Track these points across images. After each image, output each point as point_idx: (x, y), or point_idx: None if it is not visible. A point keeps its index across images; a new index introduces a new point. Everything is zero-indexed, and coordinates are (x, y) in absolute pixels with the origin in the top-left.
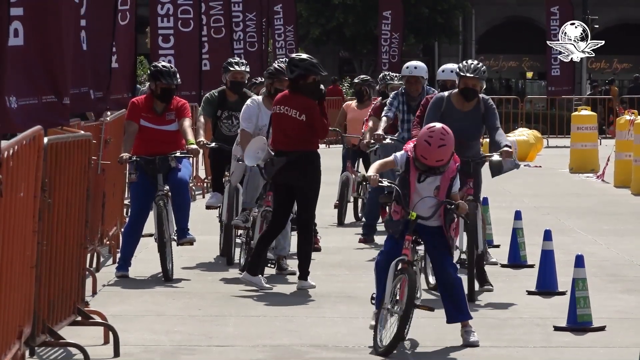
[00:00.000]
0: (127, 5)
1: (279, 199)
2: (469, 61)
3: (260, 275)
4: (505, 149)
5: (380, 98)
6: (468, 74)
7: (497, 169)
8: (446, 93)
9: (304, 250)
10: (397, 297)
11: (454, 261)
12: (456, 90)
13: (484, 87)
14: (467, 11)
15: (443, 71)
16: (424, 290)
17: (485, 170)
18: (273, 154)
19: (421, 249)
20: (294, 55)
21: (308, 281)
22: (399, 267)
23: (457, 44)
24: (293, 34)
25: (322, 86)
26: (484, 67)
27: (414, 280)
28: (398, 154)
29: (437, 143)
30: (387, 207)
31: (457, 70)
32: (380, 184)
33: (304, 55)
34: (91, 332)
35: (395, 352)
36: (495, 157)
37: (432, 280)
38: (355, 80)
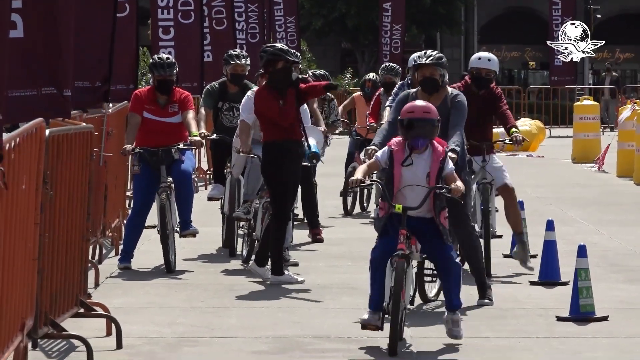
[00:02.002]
0: None
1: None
2: (428, 51)
3: (266, 267)
4: (450, 154)
5: (382, 89)
6: (424, 61)
7: None
8: (412, 90)
9: (273, 243)
10: None
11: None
12: (418, 87)
13: (446, 77)
14: (469, 1)
15: (480, 59)
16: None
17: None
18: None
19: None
20: (275, 45)
21: (285, 274)
22: (395, 263)
23: (459, 35)
24: (294, 25)
25: (295, 74)
26: (444, 58)
27: (401, 275)
28: (379, 152)
29: (421, 101)
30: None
31: (413, 62)
32: (362, 184)
33: (278, 44)
34: (94, 324)
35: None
36: None
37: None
38: (369, 79)
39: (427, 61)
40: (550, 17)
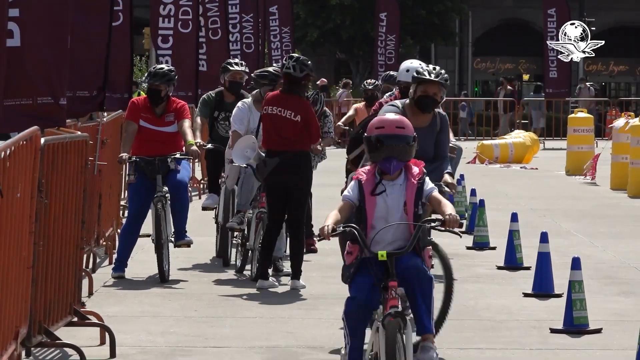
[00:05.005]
0: (119, 6)
1: (272, 199)
2: (429, 65)
3: (269, 277)
4: (448, 178)
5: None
6: (432, 77)
7: None
8: (399, 102)
9: (296, 249)
10: None
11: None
12: (407, 100)
13: (444, 98)
14: (463, 13)
15: (408, 70)
16: None
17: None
18: (264, 154)
19: None
20: (294, 54)
21: (300, 281)
22: (387, 323)
23: (453, 46)
24: (289, 35)
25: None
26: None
27: (394, 338)
28: (347, 189)
29: (393, 114)
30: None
31: (416, 73)
32: (334, 233)
33: (301, 56)
34: (87, 333)
35: None
36: (443, 187)
37: None
38: (369, 87)
39: (436, 78)
40: (545, 29)
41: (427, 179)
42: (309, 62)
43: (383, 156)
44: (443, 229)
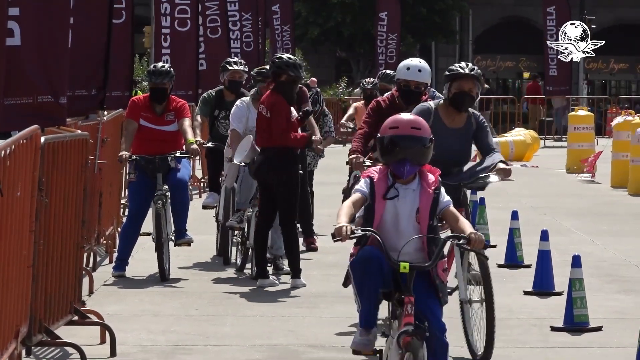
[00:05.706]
0: (122, 4)
1: (263, 196)
2: (462, 63)
3: (269, 275)
4: (502, 165)
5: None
6: (466, 71)
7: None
8: (432, 103)
9: (291, 248)
10: None
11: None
12: (441, 100)
13: (479, 95)
14: (464, 11)
15: (408, 68)
16: None
17: None
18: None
19: None
20: (278, 54)
21: (301, 279)
22: (402, 342)
23: (454, 44)
24: (289, 33)
25: (308, 109)
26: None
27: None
28: (360, 183)
29: (408, 114)
30: None
31: (448, 71)
32: (352, 235)
33: (286, 55)
34: (88, 331)
35: None
36: (493, 177)
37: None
38: (368, 86)
39: (470, 72)
40: (545, 27)
41: (442, 189)
42: (280, 59)
43: (396, 158)
44: (469, 247)
